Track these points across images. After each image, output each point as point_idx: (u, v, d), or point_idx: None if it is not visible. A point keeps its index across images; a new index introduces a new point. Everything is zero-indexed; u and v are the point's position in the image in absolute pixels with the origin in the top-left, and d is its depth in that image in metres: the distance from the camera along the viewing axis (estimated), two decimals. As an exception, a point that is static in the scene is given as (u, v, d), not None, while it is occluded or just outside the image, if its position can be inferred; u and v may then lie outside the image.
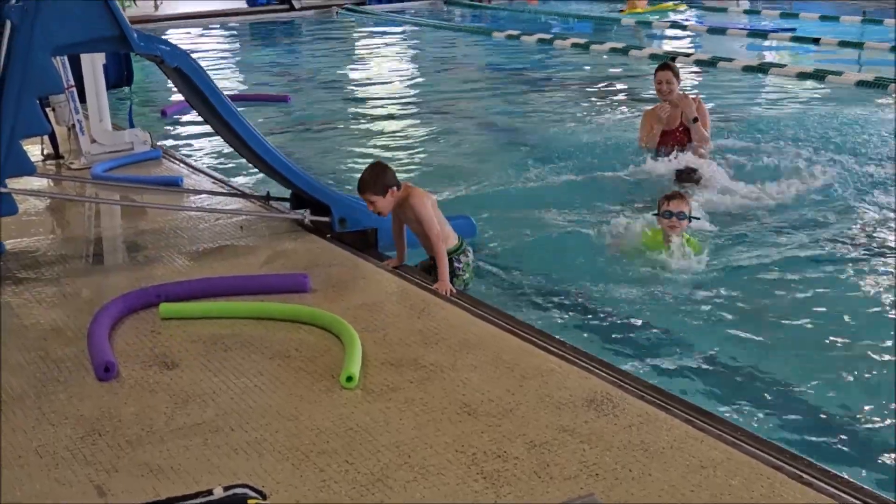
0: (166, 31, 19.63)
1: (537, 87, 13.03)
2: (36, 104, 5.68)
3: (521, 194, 7.98)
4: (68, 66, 8.09)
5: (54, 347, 4.67)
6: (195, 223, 6.64)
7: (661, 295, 5.82)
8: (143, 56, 6.03)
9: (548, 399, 3.98)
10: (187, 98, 6.58)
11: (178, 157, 8.77)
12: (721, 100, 11.51)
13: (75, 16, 5.58)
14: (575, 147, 9.31)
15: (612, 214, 7.09)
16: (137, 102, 10.15)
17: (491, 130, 10.51)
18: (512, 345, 4.53)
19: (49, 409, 4.04)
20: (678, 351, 5.16)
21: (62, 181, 8.02)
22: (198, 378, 4.28)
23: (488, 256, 6.51)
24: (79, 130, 8.31)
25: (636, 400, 3.97)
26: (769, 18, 19.27)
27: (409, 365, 4.33)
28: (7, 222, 5.94)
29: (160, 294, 5.14)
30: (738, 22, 18.89)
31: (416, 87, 13.68)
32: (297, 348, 4.55)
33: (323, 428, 3.81)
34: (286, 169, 6.37)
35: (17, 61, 5.48)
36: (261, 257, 5.96)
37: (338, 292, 5.27)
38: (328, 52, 17.36)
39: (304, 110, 12.08)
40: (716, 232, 6.77)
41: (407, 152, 9.69)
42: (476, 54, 16.73)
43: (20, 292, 5.44)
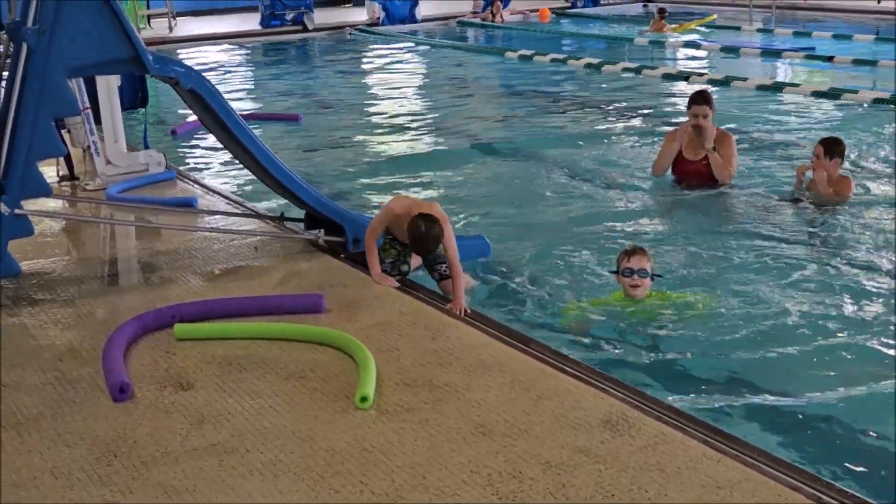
0: (180, 53, 19.74)
1: (551, 106, 13.03)
2: (52, 126, 5.70)
3: (535, 214, 7.98)
4: (84, 87, 8.12)
5: (70, 368, 4.67)
6: (210, 244, 6.66)
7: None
8: (158, 78, 6.05)
9: (563, 419, 3.97)
10: (202, 119, 6.61)
11: (193, 178, 8.79)
12: (735, 119, 11.48)
13: (91, 38, 5.61)
14: (588, 168, 9.31)
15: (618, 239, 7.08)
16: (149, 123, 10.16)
17: (504, 151, 10.51)
18: (527, 365, 4.52)
19: (64, 430, 4.05)
20: (694, 371, 5.13)
21: (77, 202, 8.05)
22: (213, 399, 4.28)
23: (502, 276, 6.50)
24: (94, 152, 8.34)
25: (652, 420, 3.96)
26: (782, 37, 19.25)
27: (423, 385, 4.33)
28: (23, 243, 5.95)
29: (175, 314, 5.15)
30: (751, 41, 18.88)
31: (428, 108, 13.69)
32: (312, 369, 4.55)
33: (338, 449, 3.80)
34: (300, 189, 6.38)
35: (33, 83, 5.51)
36: (275, 277, 5.97)
37: (352, 312, 5.27)
38: (341, 73, 17.41)
39: (316, 130, 12.10)
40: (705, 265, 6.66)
41: (419, 172, 9.68)
42: (489, 74, 16.74)
43: (36, 313, 5.46)
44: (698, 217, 7.77)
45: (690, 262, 6.65)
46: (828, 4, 23.06)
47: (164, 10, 22.89)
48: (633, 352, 5.35)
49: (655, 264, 5.99)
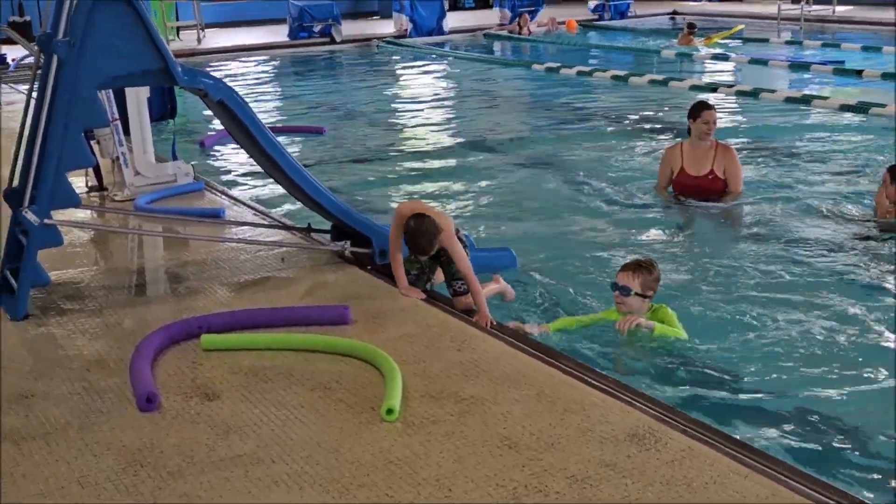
0: (209, 64, 19.85)
1: (577, 119, 13.02)
2: (82, 137, 5.74)
3: (561, 227, 7.97)
4: (113, 99, 8.19)
5: (97, 378, 4.70)
6: (236, 254, 6.68)
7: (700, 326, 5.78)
8: (187, 89, 6.08)
9: (590, 433, 3.95)
10: (230, 131, 6.63)
11: (220, 188, 8.83)
12: (762, 131, 11.45)
13: (120, 50, 5.64)
14: (616, 180, 9.29)
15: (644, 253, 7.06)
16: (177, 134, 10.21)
17: (531, 163, 10.50)
18: (553, 378, 4.51)
19: (92, 440, 4.07)
20: (720, 384, 5.10)
21: (106, 213, 8.10)
22: (239, 409, 4.29)
23: (529, 288, 6.49)
24: (123, 163, 8.39)
25: (679, 434, 3.93)
26: (811, 49, 19.17)
27: (449, 398, 4.32)
28: (52, 253, 5.98)
29: (202, 325, 5.17)
30: (779, 53, 18.80)
31: (454, 120, 13.71)
32: (338, 380, 4.55)
33: (363, 461, 3.80)
34: (327, 201, 6.39)
35: (63, 95, 5.55)
36: (301, 289, 5.98)
37: (378, 324, 5.28)
38: (367, 85, 17.46)
39: (341, 141, 12.13)
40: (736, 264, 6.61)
41: (444, 184, 9.70)
42: (515, 86, 16.75)
43: (64, 323, 5.49)
44: (722, 230, 7.74)
45: (711, 274, 6.63)
46: (857, 17, 22.96)
47: (193, 21, 23.03)
48: (656, 365, 5.33)
49: (668, 279, 5.96)
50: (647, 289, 5.62)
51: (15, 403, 4.45)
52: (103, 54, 5.59)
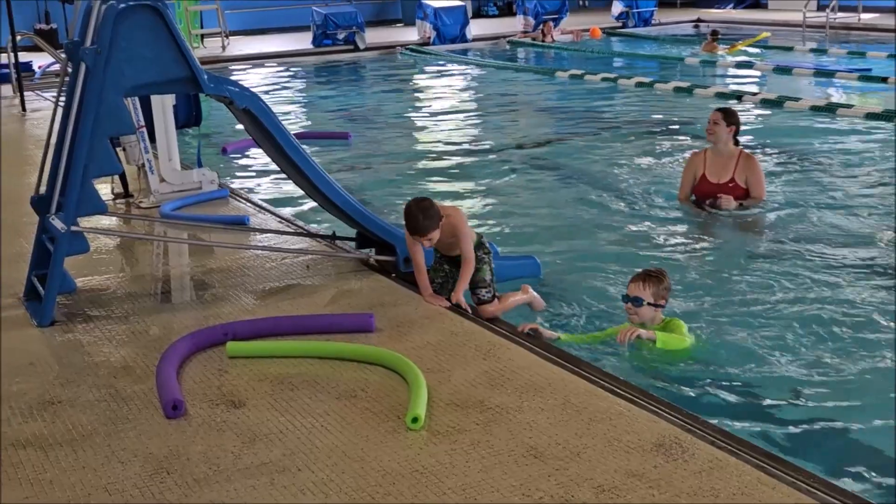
0: (233, 71, 19.94)
1: (601, 126, 13.00)
2: (108, 145, 5.77)
3: (585, 235, 7.95)
4: (139, 106, 8.23)
5: (124, 385, 4.71)
6: (262, 262, 6.70)
7: (726, 336, 5.75)
8: (213, 97, 6.11)
9: (616, 443, 3.94)
10: (255, 138, 6.66)
11: (245, 196, 8.86)
12: (787, 140, 11.39)
13: (147, 58, 5.68)
14: (639, 188, 9.26)
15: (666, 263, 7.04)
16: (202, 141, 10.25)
17: (554, 170, 10.49)
18: (579, 387, 4.49)
19: (118, 447, 4.08)
20: (747, 394, 5.07)
21: (131, 220, 8.14)
22: (265, 417, 4.30)
23: (553, 297, 6.47)
24: (148, 170, 8.44)
25: (706, 445, 3.91)
26: (836, 57, 19.07)
27: (474, 406, 4.31)
28: (78, 260, 6.02)
29: (227, 332, 5.18)
30: (804, 61, 18.72)
31: (477, 127, 13.71)
32: (364, 388, 4.55)
33: (389, 469, 3.79)
34: (352, 209, 6.40)
35: (90, 103, 5.58)
36: (326, 296, 5.99)
37: (403, 332, 5.28)
38: (391, 92, 17.49)
39: (365, 148, 12.15)
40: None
41: (468, 191, 9.70)
42: (539, 94, 16.73)
43: (90, 329, 5.52)
44: (743, 240, 7.70)
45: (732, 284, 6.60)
46: (882, 24, 22.84)
47: (218, 29, 23.14)
48: (681, 375, 5.30)
49: (688, 288, 5.93)
50: (659, 298, 5.58)
51: (42, 410, 4.47)
52: (130, 62, 5.62)
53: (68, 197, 5.66)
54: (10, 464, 3.98)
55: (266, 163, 9.75)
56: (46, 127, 6.90)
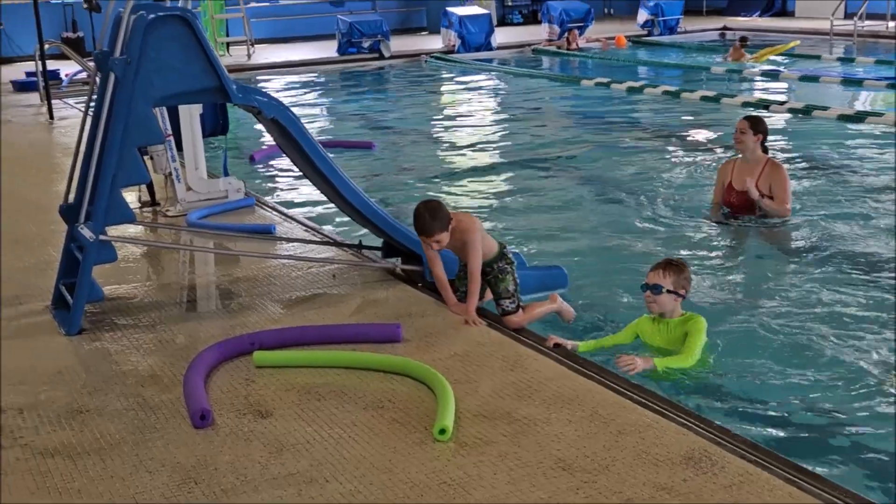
0: (257, 79, 20.01)
1: (627, 135, 12.96)
2: (137, 154, 5.79)
3: (611, 243, 7.91)
4: (166, 115, 8.27)
5: (151, 394, 4.72)
6: (288, 271, 6.70)
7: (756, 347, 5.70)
8: (241, 107, 6.12)
9: (645, 455, 3.91)
10: (282, 147, 6.67)
11: (271, 204, 8.88)
12: (815, 149, 11.32)
13: (176, 68, 5.70)
14: (666, 197, 9.22)
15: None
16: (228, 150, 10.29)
17: (580, 179, 10.46)
18: (607, 399, 4.47)
19: (146, 456, 4.09)
20: (776, 406, 5.03)
21: (158, 228, 8.17)
22: (292, 427, 4.29)
23: (580, 307, 6.44)
24: (175, 178, 8.47)
25: (735, 458, 3.88)
26: (864, 65, 18.95)
27: (502, 418, 4.30)
28: (105, 268, 6.05)
29: (254, 342, 5.19)
30: (832, 70, 18.62)
31: (502, 135, 13.69)
32: (391, 399, 4.55)
33: (417, 481, 3.78)
34: (379, 218, 6.41)
35: (119, 112, 5.61)
36: (352, 306, 5.98)
37: (430, 342, 5.27)
38: (416, 100, 17.50)
39: (390, 157, 12.16)
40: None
41: (492, 200, 9.68)
42: (564, 102, 16.71)
43: (118, 338, 5.54)
44: (770, 250, 7.65)
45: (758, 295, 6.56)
46: (911, 32, 22.70)
47: (243, 37, 23.24)
48: (709, 387, 5.26)
49: (710, 296, 5.98)
50: (679, 287, 5.49)
51: (70, 418, 4.49)
52: (159, 72, 5.65)
53: (97, 206, 5.68)
54: (38, 472, 4.00)
55: (293, 172, 9.76)
56: (73, 135, 6.94)
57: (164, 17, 5.68)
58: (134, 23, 5.63)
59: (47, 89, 15.32)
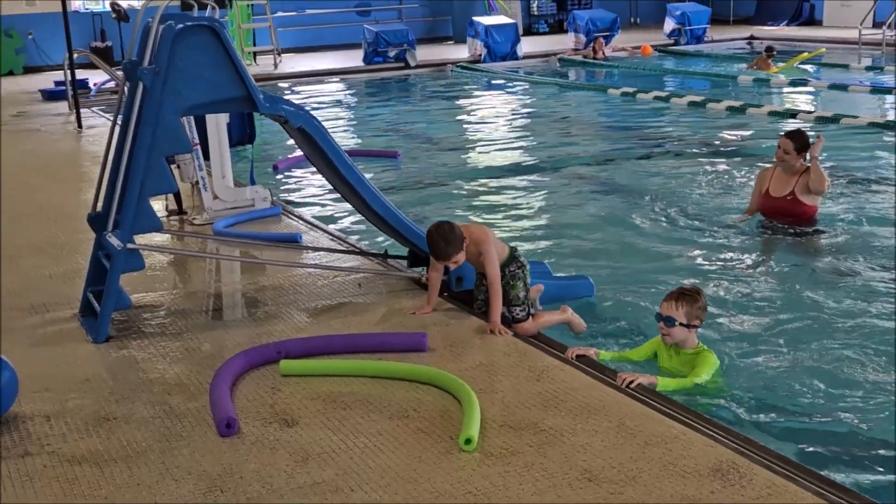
0: (285, 89, 20.07)
1: (654, 144, 12.92)
2: (164, 163, 5.82)
3: (638, 252, 7.89)
4: (193, 124, 8.30)
5: (178, 402, 4.74)
6: (314, 280, 6.72)
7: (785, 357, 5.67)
8: (268, 116, 6.14)
9: (671, 467, 3.89)
10: (309, 156, 6.69)
11: (297, 213, 8.90)
12: (843, 158, 11.24)
13: (204, 78, 5.73)
14: (693, 207, 9.19)
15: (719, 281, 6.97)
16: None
17: (608, 189, 10.44)
18: (634, 410, 4.45)
19: (172, 464, 4.10)
20: (804, 417, 4.99)
21: (185, 237, 8.20)
22: (317, 436, 4.30)
23: (606, 317, 6.43)
24: (202, 187, 8.50)
25: (763, 470, 3.85)
26: (893, 74, 18.81)
27: (528, 428, 4.28)
28: (132, 276, 6.07)
29: (280, 350, 5.20)
30: (860, 78, 18.50)
31: (528, 145, 13.67)
32: (416, 408, 4.54)
33: (442, 491, 3.77)
34: (404, 227, 6.41)
35: (147, 122, 5.64)
36: (378, 315, 5.98)
37: (455, 352, 5.26)
38: (441, 109, 17.50)
39: (415, 166, 12.16)
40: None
41: (518, 210, 9.68)
42: (591, 112, 16.67)
43: (145, 346, 5.56)
44: (801, 260, 7.59)
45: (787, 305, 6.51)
46: (940, 41, 22.52)
47: (270, 47, 23.33)
48: (735, 397, 5.23)
49: (736, 307, 5.93)
50: (692, 318, 5.37)
51: (97, 426, 4.51)
52: (187, 82, 5.68)
53: (125, 215, 5.71)
54: (65, 479, 4.02)
55: (319, 180, 9.79)
56: (102, 144, 7.00)
57: (192, 26, 5.71)
58: (162, 32, 5.66)
59: (76, 98, 15.43)
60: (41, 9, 23.65)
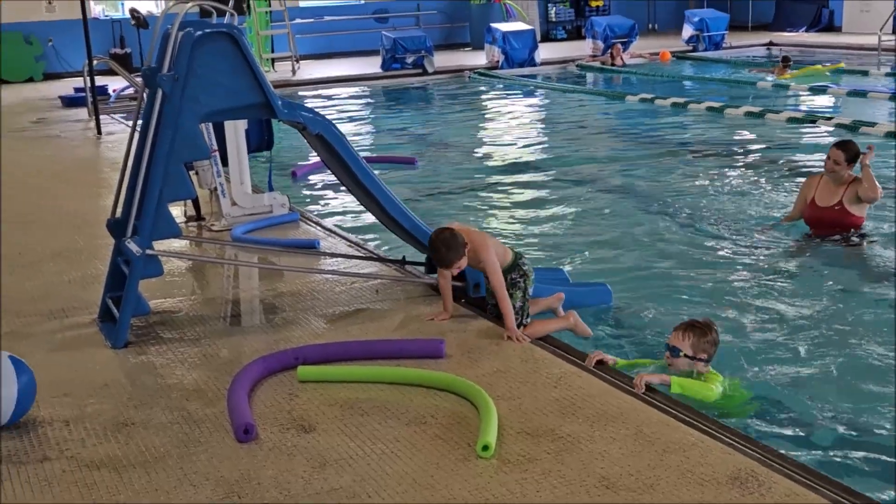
0: (303, 95, 20.11)
1: (671, 151, 12.88)
2: (183, 170, 5.84)
3: (655, 260, 7.87)
4: (212, 130, 8.33)
5: (196, 408, 4.75)
6: (332, 286, 6.73)
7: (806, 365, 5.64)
8: (286, 122, 6.16)
9: (689, 475, 3.87)
10: (327, 163, 6.70)
11: (315, 220, 8.91)
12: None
13: (223, 85, 5.75)
14: (710, 213, 9.16)
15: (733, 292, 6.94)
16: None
17: (625, 196, 10.41)
18: (652, 417, 4.43)
19: (190, 470, 4.11)
20: (824, 426, 4.97)
21: (203, 243, 8.23)
22: (335, 442, 4.30)
23: (624, 324, 6.42)
24: (220, 193, 8.53)
25: (782, 478, 3.83)
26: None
27: (545, 435, 4.28)
28: (151, 282, 6.09)
29: (298, 356, 5.20)
30: (878, 84, 18.42)
31: (545, 151, 13.66)
32: (433, 415, 4.54)
33: (459, 498, 3.77)
34: (422, 234, 6.41)
35: (166, 128, 5.66)
36: (395, 321, 5.99)
37: (472, 358, 5.25)
38: (459, 116, 17.50)
39: (432, 172, 12.16)
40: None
41: (536, 216, 9.66)
42: (608, 118, 16.65)
43: (163, 352, 5.58)
44: (828, 270, 7.54)
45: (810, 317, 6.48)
46: (960, 47, 22.40)
47: (288, 53, 23.39)
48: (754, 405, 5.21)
49: (759, 317, 5.95)
50: (699, 351, 5.20)
51: (116, 431, 4.52)
52: (206, 89, 5.70)
53: (143, 221, 5.73)
54: (84, 484, 4.03)
55: (336, 187, 9.79)
56: (121, 150, 7.03)
57: (211, 33, 5.73)
58: (181, 39, 5.68)
59: (95, 105, 15.50)
60: (61, 16, 23.80)
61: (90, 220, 8.84)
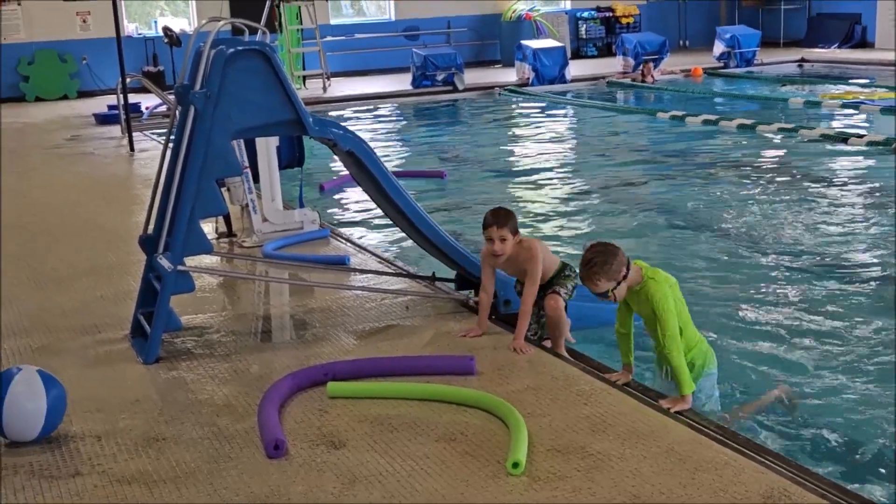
0: (334, 112, 20.20)
1: (702, 168, 12.83)
2: (215, 186, 5.87)
3: (686, 278, 7.81)
4: (243, 147, 8.38)
5: (226, 423, 4.76)
6: (362, 302, 6.73)
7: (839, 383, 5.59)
8: (317, 139, 6.18)
9: (722, 494, 3.84)
10: (357, 179, 6.72)
11: (345, 236, 8.93)
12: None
13: (255, 102, 5.78)
14: (744, 231, 9.12)
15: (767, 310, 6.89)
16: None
17: (654, 212, 10.39)
18: (683, 435, 4.40)
19: (220, 486, 4.11)
20: (858, 445, 4.92)
21: (234, 259, 8.26)
22: (364, 459, 4.29)
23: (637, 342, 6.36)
24: (252, 209, 8.57)
25: (817, 499, 3.79)
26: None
27: (576, 452, 4.25)
28: (182, 298, 6.12)
29: (328, 373, 5.21)
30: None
31: (575, 168, 13.65)
32: (463, 432, 4.53)
33: (489, 515, 3.76)
34: (452, 250, 6.42)
35: (198, 145, 5.70)
36: (425, 337, 5.98)
37: (503, 375, 5.24)
38: (488, 132, 17.52)
39: (462, 187, 12.18)
40: None
41: (566, 232, 9.65)
42: (639, 135, 16.61)
43: (194, 367, 5.60)
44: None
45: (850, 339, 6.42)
46: None
47: (320, 71, 23.51)
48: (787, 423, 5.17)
49: (790, 335, 6.01)
50: (613, 277, 5.03)
51: (147, 446, 4.54)
52: (238, 105, 5.73)
53: (175, 237, 5.77)
54: (115, 499, 4.04)
55: (365, 201, 9.81)
56: (153, 167, 7.07)
57: (243, 51, 5.77)
58: (214, 57, 5.72)
59: (128, 122, 15.63)
60: (95, 34, 24.05)
61: (123, 236, 8.91)
